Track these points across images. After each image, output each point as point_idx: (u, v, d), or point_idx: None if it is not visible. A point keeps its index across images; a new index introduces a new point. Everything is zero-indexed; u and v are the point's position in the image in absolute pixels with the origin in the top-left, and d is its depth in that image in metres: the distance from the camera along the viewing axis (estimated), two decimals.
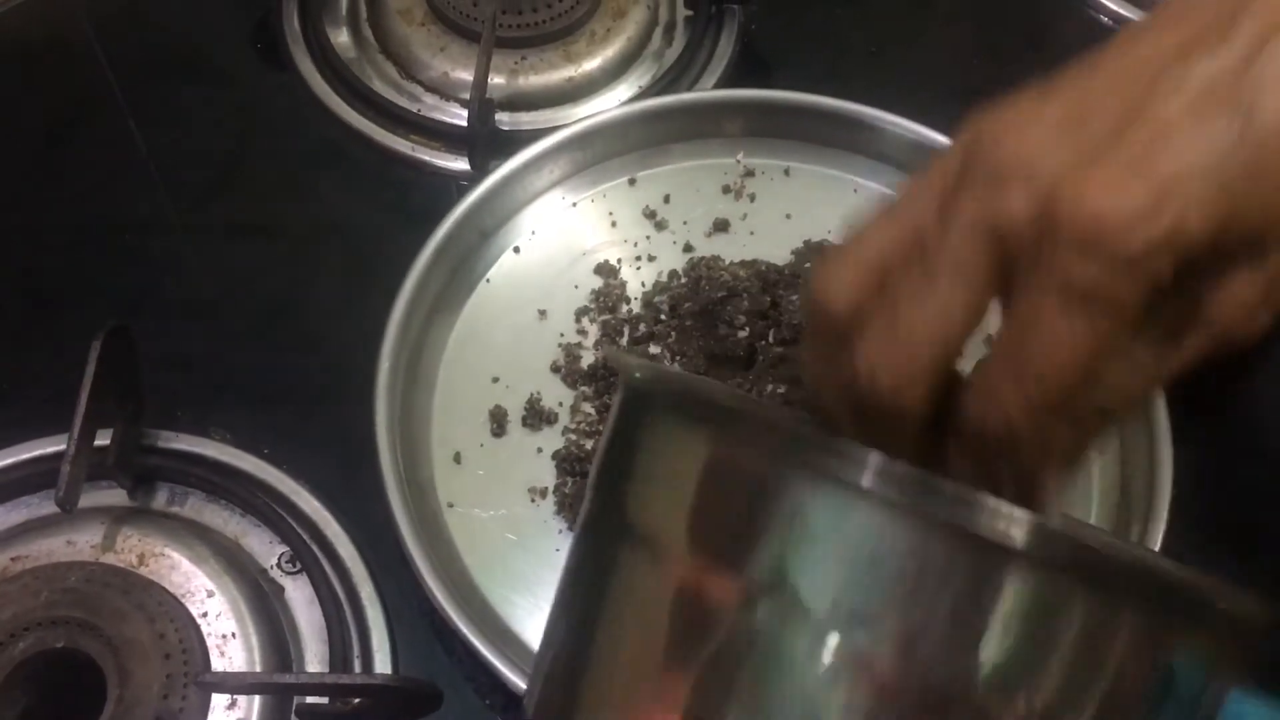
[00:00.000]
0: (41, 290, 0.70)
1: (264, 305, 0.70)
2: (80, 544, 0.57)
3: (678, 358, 0.64)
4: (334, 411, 0.64)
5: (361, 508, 0.60)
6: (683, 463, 0.32)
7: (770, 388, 0.57)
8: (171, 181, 0.76)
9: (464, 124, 0.73)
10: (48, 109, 0.79)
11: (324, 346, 0.68)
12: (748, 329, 0.61)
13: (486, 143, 0.72)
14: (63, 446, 0.57)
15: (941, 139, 0.71)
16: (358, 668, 0.56)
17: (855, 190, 0.73)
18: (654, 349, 0.66)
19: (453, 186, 0.74)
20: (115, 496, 0.60)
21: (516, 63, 0.76)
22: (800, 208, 0.72)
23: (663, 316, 0.67)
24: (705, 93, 0.77)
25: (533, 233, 0.71)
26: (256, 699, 0.53)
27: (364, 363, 0.61)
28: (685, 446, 0.33)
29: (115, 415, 0.58)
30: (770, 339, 0.60)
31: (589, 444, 0.62)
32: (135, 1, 0.84)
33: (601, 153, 0.72)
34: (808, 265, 0.66)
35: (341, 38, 0.79)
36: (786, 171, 0.74)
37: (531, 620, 0.58)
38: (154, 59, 0.82)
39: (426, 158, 0.75)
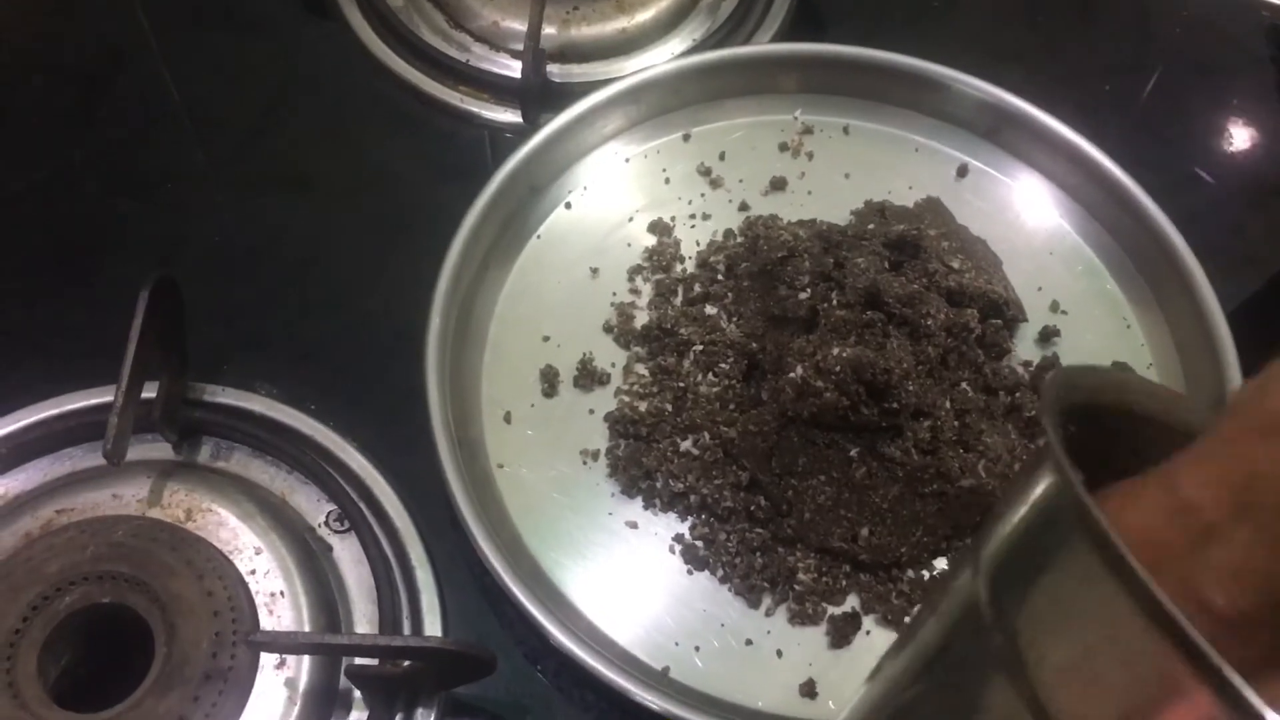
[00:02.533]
0: (80, 240, 0.69)
1: (308, 257, 0.69)
2: (126, 497, 0.56)
3: (734, 318, 0.63)
4: (382, 367, 0.63)
5: (410, 466, 0.59)
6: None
7: (836, 350, 0.56)
8: (211, 131, 0.74)
9: (514, 75, 0.71)
10: (85, 58, 0.77)
11: (370, 300, 0.66)
12: (809, 290, 0.59)
13: (539, 95, 0.70)
14: (106, 398, 0.55)
15: (1010, 99, 0.69)
16: (407, 629, 0.55)
17: (916, 150, 0.71)
18: (710, 309, 0.64)
19: (502, 139, 0.73)
20: (160, 450, 0.59)
21: (569, 13, 0.74)
22: (860, 167, 0.70)
23: (719, 276, 0.65)
24: (762, 46, 0.75)
25: (585, 188, 0.69)
26: (306, 659, 0.52)
27: (412, 318, 0.60)
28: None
29: (160, 368, 0.57)
30: (834, 301, 0.58)
31: (642, 406, 0.61)
32: None
33: (655, 107, 0.71)
34: (870, 226, 0.64)
35: None
36: (845, 129, 0.72)
37: (582, 584, 0.56)
38: (195, 5, 0.80)
39: (475, 109, 0.73)
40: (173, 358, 0.58)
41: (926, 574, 0.57)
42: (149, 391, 0.57)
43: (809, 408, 0.55)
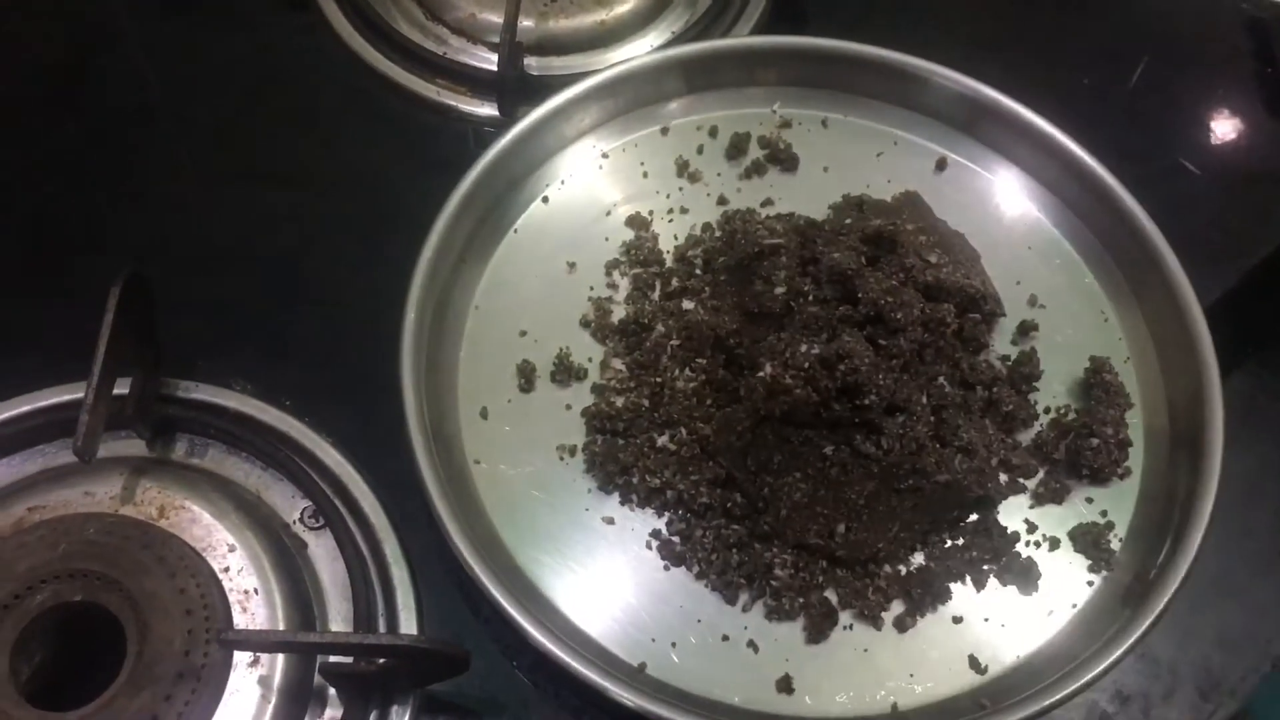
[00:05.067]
0: (54, 234, 0.68)
1: (284, 252, 0.68)
2: (99, 495, 0.55)
3: (712, 313, 0.62)
4: (358, 363, 0.62)
5: (386, 462, 0.58)
6: None
7: (805, 347, 0.55)
8: (187, 124, 0.74)
9: (492, 68, 0.71)
10: (61, 49, 0.76)
11: (347, 295, 0.66)
12: (785, 286, 0.59)
13: (516, 88, 0.70)
14: (79, 395, 0.55)
15: (989, 92, 0.69)
16: (382, 626, 0.55)
17: (895, 143, 0.71)
18: (688, 304, 0.64)
19: (480, 133, 0.72)
20: (134, 447, 0.59)
21: (546, 5, 0.74)
22: (838, 160, 0.70)
23: (697, 271, 0.65)
24: (740, 40, 0.75)
25: (562, 182, 0.68)
26: (280, 657, 0.51)
27: (388, 313, 0.60)
28: None
29: (133, 364, 0.57)
30: (809, 296, 0.58)
31: (619, 401, 0.61)
32: None
33: (633, 101, 0.70)
34: (848, 220, 0.64)
35: None
36: (824, 123, 0.72)
37: (559, 581, 0.56)
38: None
39: (452, 102, 0.73)
40: (146, 353, 0.58)
41: (903, 569, 0.57)
42: (122, 388, 0.57)
43: (780, 405, 0.55)
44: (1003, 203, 0.69)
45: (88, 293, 0.56)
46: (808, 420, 0.55)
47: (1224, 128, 0.78)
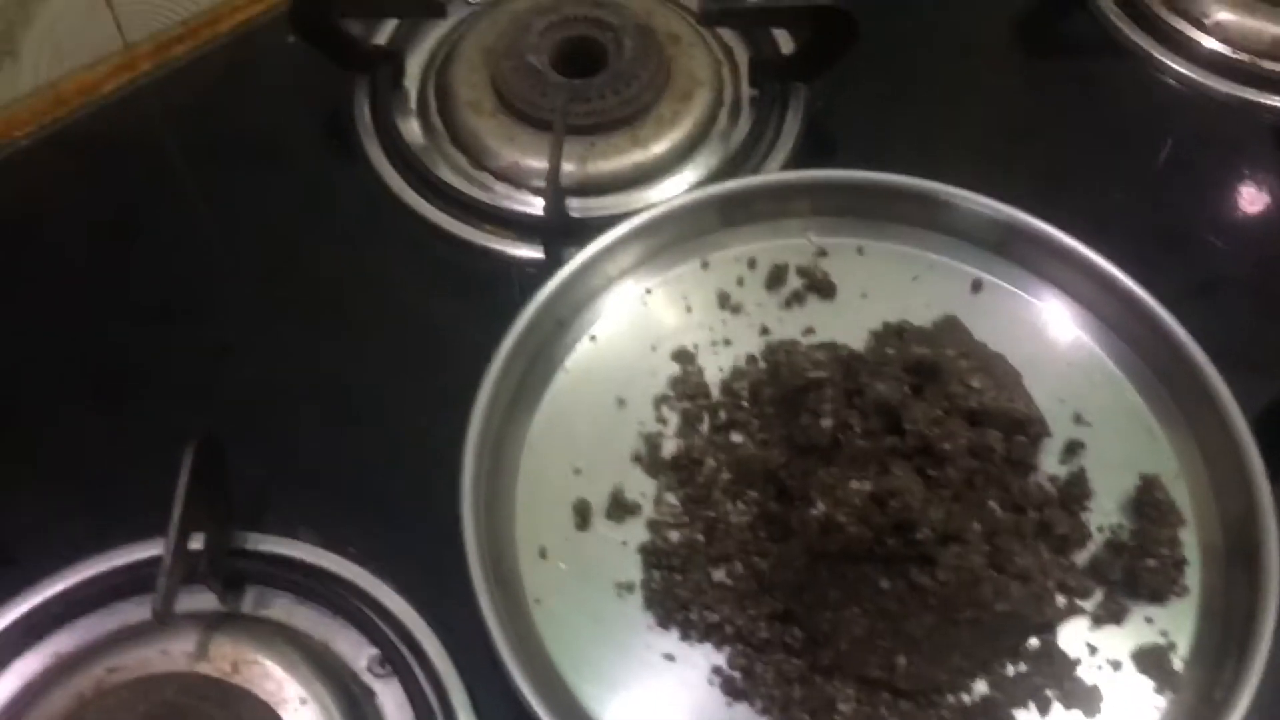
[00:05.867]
0: (115, 386, 0.70)
1: (339, 395, 0.70)
2: (174, 653, 0.56)
3: (761, 445, 0.63)
4: (418, 506, 0.64)
5: (448, 605, 0.59)
6: None
7: (855, 484, 0.56)
8: (242, 272, 0.76)
9: (535, 212, 0.74)
10: (115, 198, 0.79)
11: (403, 439, 0.68)
12: (831, 418, 0.60)
13: (560, 232, 0.72)
14: (153, 551, 0.57)
15: (1018, 214, 0.71)
16: None
17: (930, 267, 0.73)
18: (736, 437, 0.65)
19: (525, 274, 0.74)
20: (205, 600, 0.60)
21: (586, 150, 0.77)
22: (876, 287, 0.72)
23: (744, 403, 0.66)
24: (775, 175, 0.77)
25: (608, 320, 0.70)
26: None
27: (445, 455, 0.61)
28: None
29: (206, 520, 0.59)
30: (856, 429, 0.59)
31: (674, 536, 0.62)
32: (210, 95, 0.85)
33: (674, 237, 0.72)
34: (889, 350, 0.65)
35: (412, 128, 0.80)
36: (860, 250, 0.74)
37: None
38: (228, 151, 0.82)
39: (498, 246, 0.75)
40: (218, 510, 0.60)
41: (966, 698, 0.57)
42: (194, 543, 0.58)
43: (834, 544, 0.56)
44: (1040, 321, 0.71)
45: (149, 445, 0.58)
46: (862, 555, 0.56)
47: (1258, 236, 0.79)
